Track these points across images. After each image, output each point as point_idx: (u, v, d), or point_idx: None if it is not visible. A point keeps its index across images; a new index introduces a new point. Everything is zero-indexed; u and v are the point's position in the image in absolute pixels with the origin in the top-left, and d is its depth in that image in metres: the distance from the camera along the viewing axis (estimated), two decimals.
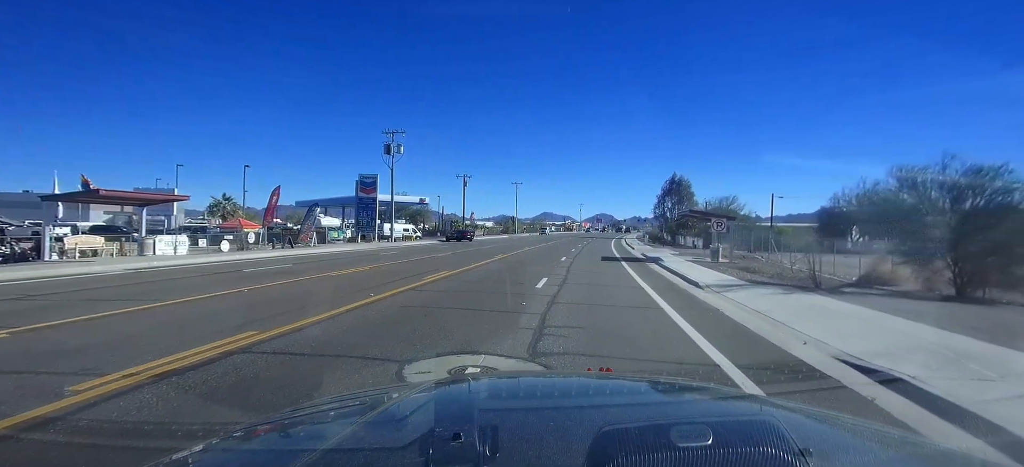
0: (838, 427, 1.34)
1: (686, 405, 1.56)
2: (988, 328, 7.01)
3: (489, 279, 13.50)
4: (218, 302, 8.98)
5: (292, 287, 11.14)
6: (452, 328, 6.90)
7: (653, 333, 6.95)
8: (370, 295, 9.56)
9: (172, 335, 6.10)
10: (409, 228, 53.97)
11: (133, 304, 8.38)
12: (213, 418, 3.63)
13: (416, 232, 54.36)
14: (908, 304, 9.66)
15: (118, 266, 15.62)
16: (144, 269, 15.27)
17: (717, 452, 0.93)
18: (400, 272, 14.83)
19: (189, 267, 16.16)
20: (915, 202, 12.73)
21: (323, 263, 18.29)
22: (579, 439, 1.00)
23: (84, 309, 7.79)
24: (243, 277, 13.00)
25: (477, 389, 1.62)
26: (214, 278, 12.90)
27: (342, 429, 1.26)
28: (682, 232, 54.13)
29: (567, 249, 33.54)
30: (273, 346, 5.61)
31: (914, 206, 12.70)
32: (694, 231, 48.65)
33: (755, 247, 27.09)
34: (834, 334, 6.52)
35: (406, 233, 51.18)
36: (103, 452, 3.09)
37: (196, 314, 7.75)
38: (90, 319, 7.06)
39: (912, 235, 12.48)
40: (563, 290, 11.21)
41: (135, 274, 13.79)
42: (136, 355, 4.99)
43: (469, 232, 53.77)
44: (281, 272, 14.61)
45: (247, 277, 12.98)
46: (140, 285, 11.27)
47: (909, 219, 12.58)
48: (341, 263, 18.36)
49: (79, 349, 5.34)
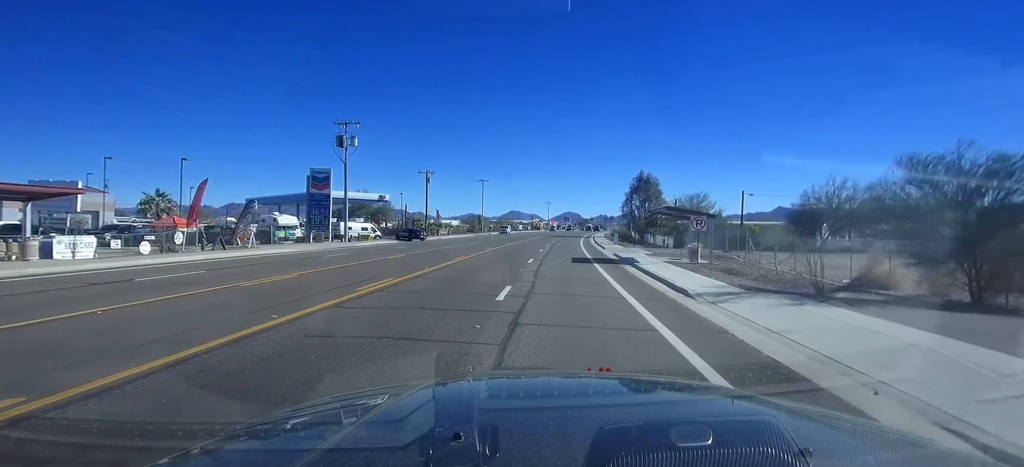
0: (838, 427, 1.36)
1: (686, 405, 1.56)
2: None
3: (439, 290, 11.00)
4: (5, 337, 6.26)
5: (162, 308, 8.30)
6: (360, 370, 4.57)
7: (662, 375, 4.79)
8: (271, 317, 7.04)
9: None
10: (368, 227, 50.57)
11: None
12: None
13: (375, 231, 50.85)
14: (949, 318, 7.94)
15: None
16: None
17: (717, 452, 0.93)
18: (333, 281, 12.21)
19: (62, 277, 12.82)
20: (928, 196, 11.22)
21: (247, 269, 15.40)
22: (579, 439, 1.00)
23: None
24: (118, 292, 10.11)
25: (477, 389, 1.64)
26: (70, 293, 9.93)
27: (342, 429, 1.24)
28: (651, 230, 52.38)
29: (534, 249, 31.35)
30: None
31: (926, 201, 11.19)
32: (664, 229, 47.29)
33: (729, 246, 25.87)
34: (934, 386, 4.30)
35: (364, 232, 47.74)
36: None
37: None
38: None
39: (922, 234, 10.93)
40: (530, 304, 8.98)
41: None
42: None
43: (421, 231, 50.95)
44: (178, 283, 11.65)
45: (123, 292, 10.08)
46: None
47: (919, 216, 11.05)
48: (268, 269, 15.49)
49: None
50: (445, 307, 8.49)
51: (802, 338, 6.15)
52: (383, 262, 18.72)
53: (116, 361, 4.73)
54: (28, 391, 3.87)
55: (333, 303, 8.65)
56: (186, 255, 21.81)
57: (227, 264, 17.31)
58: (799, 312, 8.43)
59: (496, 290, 10.66)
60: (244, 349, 5.39)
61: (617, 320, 7.85)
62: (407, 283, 12.02)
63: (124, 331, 6.36)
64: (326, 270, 15.32)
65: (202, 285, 11.16)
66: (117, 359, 4.81)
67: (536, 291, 10.88)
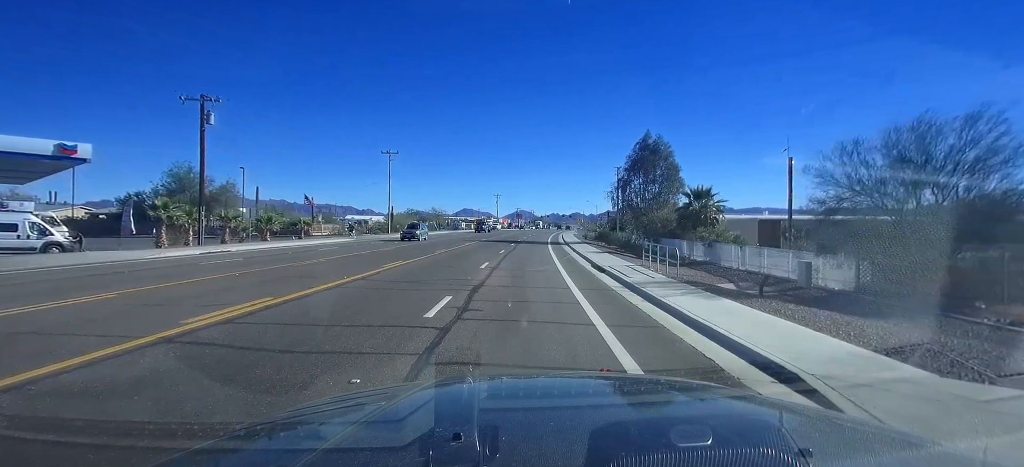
0: (838, 427, 1.41)
1: (686, 405, 1.53)
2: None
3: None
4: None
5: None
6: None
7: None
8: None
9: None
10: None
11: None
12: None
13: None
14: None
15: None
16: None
17: (717, 452, 0.92)
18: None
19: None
20: None
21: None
22: (579, 439, 0.99)
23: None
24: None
25: (477, 389, 1.58)
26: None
27: (342, 429, 1.26)
28: (644, 230, 33.18)
29: (458, 270, 15.76)
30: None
31: None
32: (666, 228, 30.09)
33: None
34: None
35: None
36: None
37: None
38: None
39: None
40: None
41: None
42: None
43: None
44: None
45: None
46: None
47: None
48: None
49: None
50: None
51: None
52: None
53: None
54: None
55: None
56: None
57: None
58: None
59: None
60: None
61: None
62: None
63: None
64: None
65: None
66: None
67: None
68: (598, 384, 1.85)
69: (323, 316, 7.57)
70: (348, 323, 6.98)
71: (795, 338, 6.05)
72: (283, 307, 8.25)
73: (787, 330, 6.58)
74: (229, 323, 6.81)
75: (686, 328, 7.07)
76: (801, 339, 6.01)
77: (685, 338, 6.51)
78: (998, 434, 3.21)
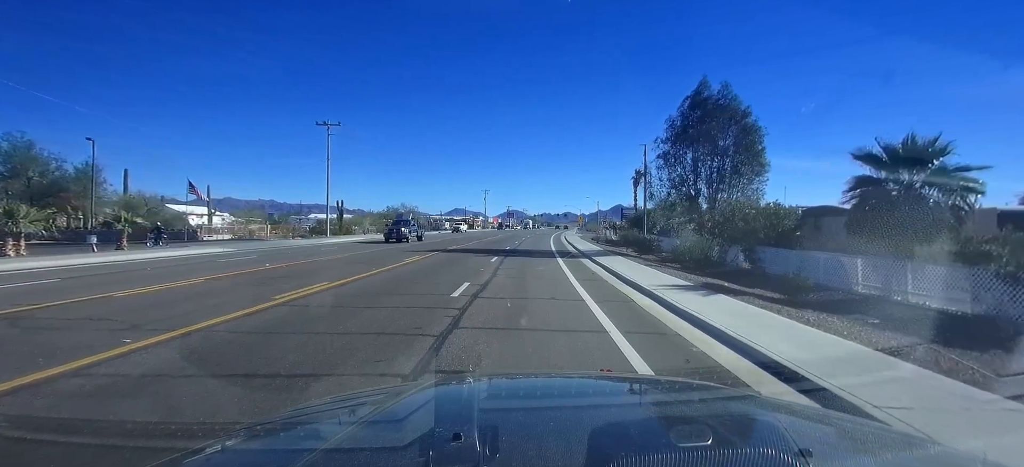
0: (838, 427, 1.34)
1: (686, 405, 1.53)
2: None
3: None
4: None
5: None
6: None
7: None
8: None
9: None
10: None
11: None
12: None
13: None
14: None
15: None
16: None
17: (717, 452, 0.92)
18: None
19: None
20: None
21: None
22: (579, 439, 1.00)
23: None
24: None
25: (477, 389, 1.59)
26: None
27: (342, 429, 1.25)
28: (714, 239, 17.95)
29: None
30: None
31: None
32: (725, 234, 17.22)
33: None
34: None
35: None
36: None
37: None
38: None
39: None
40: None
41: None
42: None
43: None
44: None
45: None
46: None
47: None
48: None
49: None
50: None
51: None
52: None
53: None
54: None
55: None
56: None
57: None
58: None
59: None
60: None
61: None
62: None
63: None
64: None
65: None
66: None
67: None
68: (598, 384, 1.85)
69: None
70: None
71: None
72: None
73: None
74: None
75: None
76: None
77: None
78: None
